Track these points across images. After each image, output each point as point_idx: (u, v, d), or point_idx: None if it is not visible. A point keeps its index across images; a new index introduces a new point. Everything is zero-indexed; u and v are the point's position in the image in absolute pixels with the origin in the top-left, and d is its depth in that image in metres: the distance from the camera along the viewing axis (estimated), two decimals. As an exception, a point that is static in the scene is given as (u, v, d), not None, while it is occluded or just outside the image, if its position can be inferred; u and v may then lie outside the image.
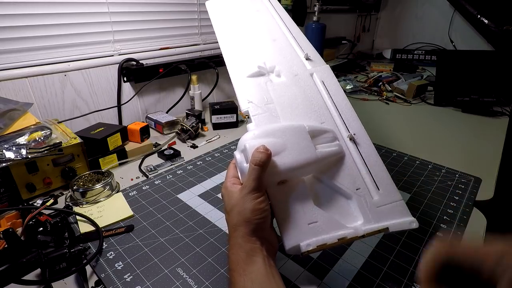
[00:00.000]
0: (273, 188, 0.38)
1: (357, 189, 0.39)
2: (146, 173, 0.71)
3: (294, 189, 0.38)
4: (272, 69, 0.49)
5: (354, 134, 0.42)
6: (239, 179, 0.39)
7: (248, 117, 0.44)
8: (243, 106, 0.45)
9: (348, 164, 0.41)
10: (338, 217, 0.38)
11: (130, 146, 0.79)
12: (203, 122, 1.00)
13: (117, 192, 0.63)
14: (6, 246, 0.43)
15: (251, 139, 0.38)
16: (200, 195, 0.63)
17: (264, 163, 0.35)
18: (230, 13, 0.59)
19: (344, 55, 1.91)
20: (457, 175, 0.70)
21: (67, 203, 0.60)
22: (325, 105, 0.45)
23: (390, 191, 0.40)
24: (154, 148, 0.83)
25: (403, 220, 0.37)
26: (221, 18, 0.58)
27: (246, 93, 0.46)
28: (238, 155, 0.39)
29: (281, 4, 1.40)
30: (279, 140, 0.38)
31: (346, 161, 0.41)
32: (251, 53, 0.51)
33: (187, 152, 0.82)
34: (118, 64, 0.92)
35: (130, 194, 0.63)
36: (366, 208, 0.38)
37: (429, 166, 0.74)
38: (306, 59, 0.51)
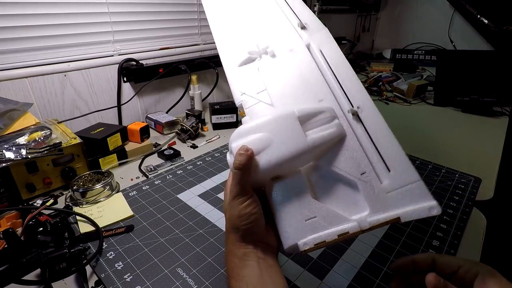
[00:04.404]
0: (268, 186, 0.36)
1: (362, 174, 0.34)
2: (146, 173, 0.71)
3: (289, 183, 0.35)
4: (265, 50, 0.44)
5: (358, 108, 0.37)
6: None
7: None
8: (237, 99, 0.42)
9: (350, 145, 0.35)
10: (341, 209, 0.34)
11: (130, 146, 0.79)
12: (203, 122, 1.00)
13: (117, 192, 0.63)
14: (6, 246, 0.43)
15: (237, 138, 0.36)
16: (200, 195, 0.63)
17: (244, 165, 0.33)
18: (223, 3, 0.55)
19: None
20: (457, 175, 0.70)
21: (67, 203, 0.60)
22: (323, 79, 0.40)
23: (404, 172, 0.33)
24: (154, 148, 0.83)
25: (419, 206, 0.31)
26: (214, 10, 0.54)
27: (239, 84, 0.42)
28: (228, 157, 0.37)
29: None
30: (265, 134, 0.35)
31: (348, 142, 0.35)
32: (243, 39, 0.47)
33: (187, 152, 0.82)
34: (118, 64, 0.92)
35: (130, 194, 0.63)
36: (372, 196, 0.33)
37: (429, 166, 0.74)
38: (302, 28, 0.45)
